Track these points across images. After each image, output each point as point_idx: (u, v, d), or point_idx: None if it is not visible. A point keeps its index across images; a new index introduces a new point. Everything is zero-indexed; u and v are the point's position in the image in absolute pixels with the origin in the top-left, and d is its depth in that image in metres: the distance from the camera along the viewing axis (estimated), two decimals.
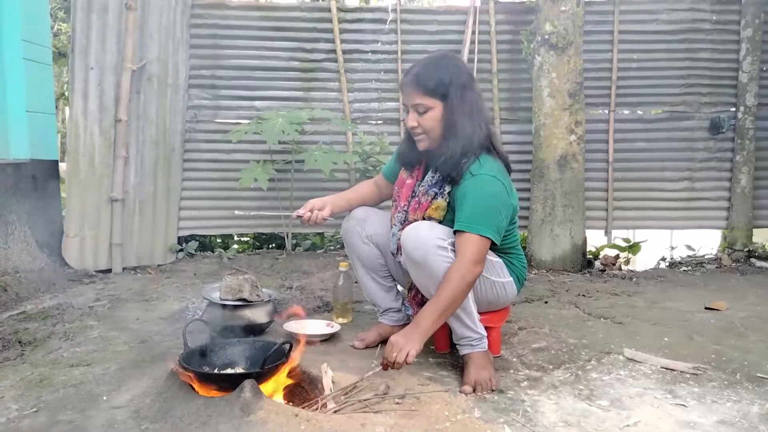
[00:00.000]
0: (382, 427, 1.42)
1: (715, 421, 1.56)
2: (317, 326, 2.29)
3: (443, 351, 2.09)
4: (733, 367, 1.97)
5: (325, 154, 3.59)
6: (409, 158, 2.00)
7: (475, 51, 4.05)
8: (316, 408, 1.54)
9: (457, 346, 1.88)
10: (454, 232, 1.77)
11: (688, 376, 1.89)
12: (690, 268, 3.90)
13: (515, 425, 1.52)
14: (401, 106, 4.07)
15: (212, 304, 2.20)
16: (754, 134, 4.03)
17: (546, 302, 2.91)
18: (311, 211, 2.00)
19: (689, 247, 4.29)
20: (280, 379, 1.64)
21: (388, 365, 1.65)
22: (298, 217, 2.01)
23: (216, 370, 1.68)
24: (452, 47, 4.04)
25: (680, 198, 4.17)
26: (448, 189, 1.85)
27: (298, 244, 4.22)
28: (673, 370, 1.93)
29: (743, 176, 4.04)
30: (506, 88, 4.12)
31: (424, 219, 1.88)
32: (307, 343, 1.90)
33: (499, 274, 1.92)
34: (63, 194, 3.70)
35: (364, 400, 1.58)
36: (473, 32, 4.04)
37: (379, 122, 4.16)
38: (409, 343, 1.64)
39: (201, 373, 1.56)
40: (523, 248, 3.79)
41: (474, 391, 1.72)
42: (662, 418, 1.58)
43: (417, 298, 2.04)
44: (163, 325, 2.42)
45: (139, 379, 1.73)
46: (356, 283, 2.27)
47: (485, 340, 1.86)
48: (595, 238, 4.15)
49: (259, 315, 2.20)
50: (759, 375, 1.90)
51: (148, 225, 3.70)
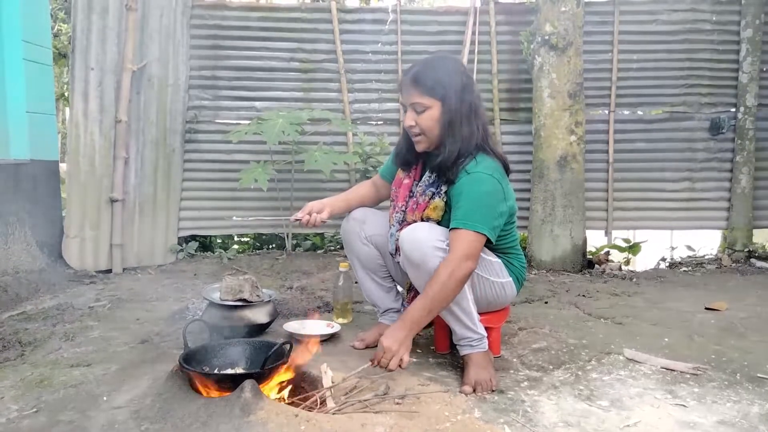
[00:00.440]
0: (382, 428, 1.42)
1: (715, 422, 1.56)
2: (317, 326, 2.29)
3: (443, 351, 2.09)
4: (733, 368, 1.97)
5: (325, 155, 3.59)
6: (406, 158, 2.00)
7: (475, 51, 4.05)
8: (314, 405, 1.54)
9: (457, 347, 1.88)
10: (450, 231, 1.76)
11: (689, 376, 1.89)
12: (690, 268, 3.90)
13: (515, 425, 1.52)
14: (401, 107, 4.06)
15: (212, 304, 2.20)
16: (754, 135, 4.03)
17: (546, 302, 2.91)
18: (309, 214, 2.01)
19: (689, 248, 4.30)
20: (281, 379, 1.64)
21: (378, 365, 1.66)
22: (297, 220, 2.01)
23: (216, 371, 1.68)
24: (452, 48, 4.05)
25: (680, 198, 4.18)
26: (445, 188, 1.84)
27: (298, 245, 4.22)
28: (674, 371, 1.93)
29: (743, 176, 4.04)
30: (506, 89, 4.13)
31: (422, 219, 1.87)
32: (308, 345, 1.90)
33: (498, 275, 1.92)
34: (63, 195, 3.70)
35: (364, 401, 1.58)
36: (473, 33, 4.05)
37: (380, 123, 4.16)
38: (401, 347, 1.65)
39: (201, 373, 1.56)
40: (523, 249, 3.80)
41: (474, 391, 1.72)
42: (662, 419, 1.58)
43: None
44: (164, 325, 2.42)
45: (140, 380, 1.74)
46: (356, 283, 2.27)
47: (485, 341, 1.86)
48: (596, 239, 4.15)
49: (259, 315, 2.20)
50: (759, 375, 1.90)
51: (148, 225, 3.70)
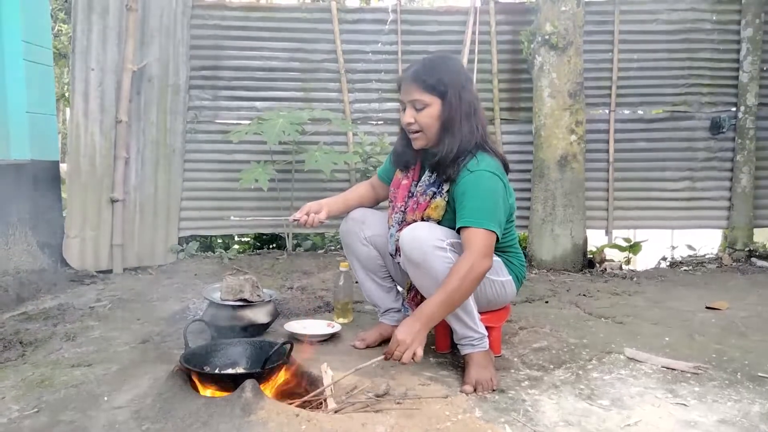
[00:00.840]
0: (382, 427, 1.42)
1: (716, 421, 1.56)
2: (318, 326, 2.29)
3: (444, 351, 2.09)
4: (734, 367, 1.97)
5: (325, 155, 3.60)
6: (403, 158, 2.00)
7: (476, 51, 4.05)
8: (316, 404, 1.54)
9: (458, 346, 1.88)
10: (458, 229, 1.76)
11: (689, 375, 1.89)
12: (691, 267, 3.89)
13: (516, 425, 1.52)
14: (400, 105, 4.06)
15: (213, 304, 2.20)
16: (754, 134, 4.03)
17: (547, 302, 2.91)
18: (307, 215, 2.01)
19: (690, 247, 4.29)
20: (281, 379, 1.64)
21: (391, 358, 1.64)
22: (295, 220, 2.02)
23: (217, 370, 1.68)
24: (452, 47, 4.05)
25: (681, 198, 4.17)
26: (446, 188, 1.84)
27: (298, 245, 4.22)
28: (674, 370, 1.93)
29: (744, 176, 4.04)
30: (506, 89, 4.12)
31: (422, 219, 1.87)
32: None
33: (498, 273, 1.91)
34: (64, 195, 3.71)
35: (365, 400, 1.58)
36: (473, 32, 4.05)
37: (380, 122, 4.16)
38: (415, 341, 1.62)
39: (202, 372, 1.56)
40: (524, 248, 3.82)
41: (475, 390, 1.72)
42: (663, 418, 1.58)
43: (416, 299, 2.04)
44: (164, 325, 2.42)
45: (140, 380, 1.74)
46: (356, 283, 2.27)
47: (486, 340, 1.86)
48: (596, 238, 4.15)
49: (259, 315, 2.20)
50: (760, 374, 1.89)
51: (148, 225, 3.70)
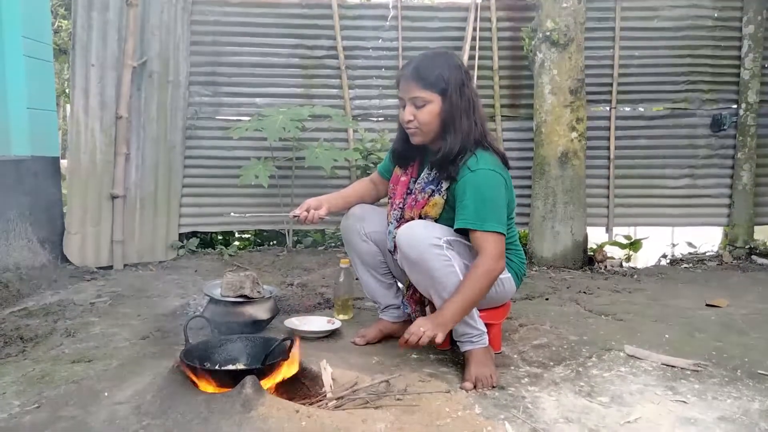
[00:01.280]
0: (383, 423, 1.42)
1: (716, 418, 1.56)
2: (318, 323, 2.29)
3: (444, 348, 2.09)
4: (733, 364, 1.97)
5: (326, 151, 3.59)
6: (403, 155, 2.00)
7: (476, 48, 4.04)
8: (318, 402, 1.54)
9: (458, 343, 1.88)
10: (465, 231, 1.77)
11: (689, 372, 1.89)
12: (691, 265, 3.89)
13: (516, 421, 1.52)
14: (400, 102, 4.05)
15: (213, 300, 2.20)
16: (755, 131, 4.02)
17: (547, 299, 2.91)
18: (307, 211, 2.00)
19: (690, 244, 4.29)
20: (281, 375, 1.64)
21: (408, 342, 1.65)
22: (295, 217, 2.01)
23: (217, 367, 1.68)
24: (453, 44, 4.04)
25: (681, 195, 4.17)
26: (445, 186, 1.84)
27: (299, 241, 4.22)
28: (674, 367, 1.93)
29: (745, 173, 4.03)
30: (507, 85, 4.12)
31: (420, 217, 1.87)
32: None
33: None
34: (64, 191, 3.70)
35: (365, 396, 1.58)
36: (474, 29, 4.04)
37: (380, 119, 4.16)
38: (436, 328, 1.67)
39: (202, 369, 1.56)
40: (524, 245, 3.82)
41: (475, 387, 1.72)
42: (663, 415, 1.58)
43: (415, 297, 2.04)
44: (165, 321, 2.42)
45: (141, 376, 1.74)
46: (357, 279, 2.27)
47: (485, 336, 1.86)
48: (597, 235, 4.15)
49: (260, 311, 2.21)
50: (760, 372, 1.90)
51: (149, 222, 3.70)
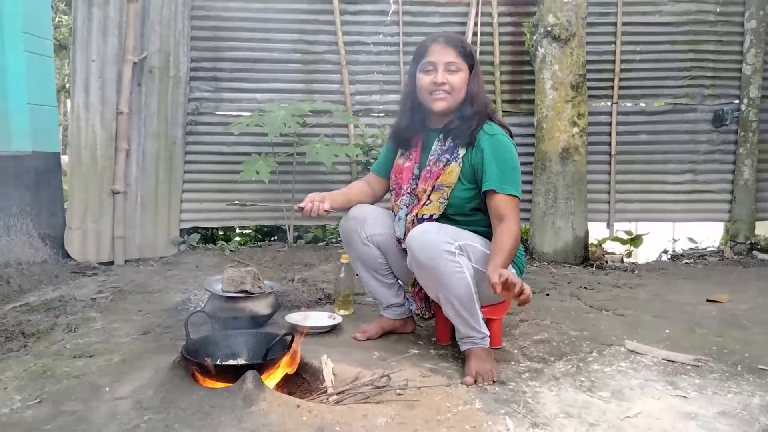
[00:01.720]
0: (383, 418, 1.43)
1: (716, 413, 1.56)
2: (319, 318, 2.29)
3: (444, 343, 2.10)
4: (734, 359, 1.97)
5: (326, 147, 3.59)
6: (405, 136, 2.02)
7: (478, 43, 4.03)
8: (319, 397, 1.55)
9: (459, 343, 1.88)
10: (484, 193, 1.82)
11: (690, 367, 1.89)
12: (692, 260, 3.89)
13: (516, 416, 1.52)
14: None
15: (214, 295, 2.20)
16: (757, 126, 4.01)
17: (548, 294, 2.91)
18: (311, 203, 1.99)
19: (691, 240, 4.29)
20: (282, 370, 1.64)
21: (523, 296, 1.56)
22: (300, 209, 1.99)
23: (218, 362, 1.68)
24: None
25: (683, 190, 4.16)
26: (462, 153, 1.88)
27: (300, 237, 4.22)
28: (675, 362, 1.93)
29: (746, 169, 4.02)
30: (508, 80, 4.11)
31: (435, 187, 1.89)
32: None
33: None
34: (65, 186, 3.71)
35: (366, 391, 1.58)
36: (475, 24, 4.03)
37: (381, 114, 4.15)
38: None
39: (203, 364, 1.57)
40: (525, 241, 3.82)
41: (475, 382, 1.73)
42: (663, 410, 1.58)
43: (420, 294, 2.04)
44: (166, 316, 2.43)
45: (142, 371, 1.74)
46: (357, 275, 2.27)
47: (487, 339, 1.85)
48: (598, 231, 4.15)
49: (260, 307, 2.21)
50: (760, 367, 1.90)
51: (150, 217, 3.71)
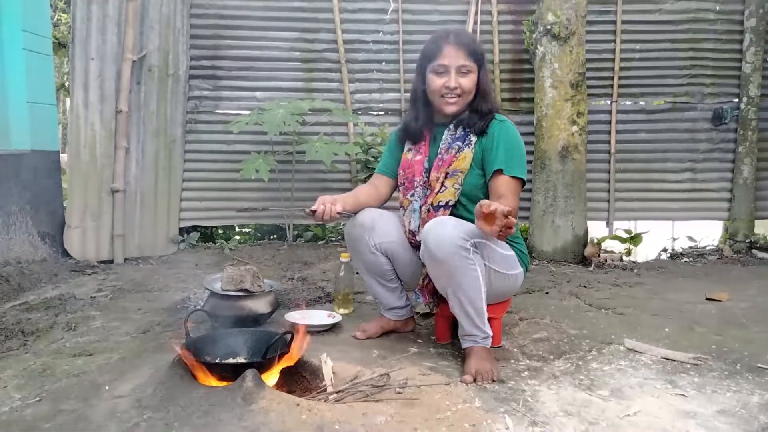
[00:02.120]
0: (383, 416, 1.43)
1: (715, 411, 1.56)
2: (319, 317, 2.29)
3: (444, 342, 2.10)
4: (733, 358, 1.97)
5: (326, 145, 3.59)
6: (415, 130, 2.04)
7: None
8: (318, 395, 1.55)
9: (461, 341, 1.88)
10: (492, 173, 1.86)
11: (689, 366, 1.89)
12: (691, 259, 3.89)
13: (516, 415, 1.52)
14: (402, 97, 4.05)
15: (214, 294, 2.20)
16: (757, 125, 4.01)
17: (547, 293, 2.91)
18: (323, 205, 1.93)
19: (691, 238, 4.29)
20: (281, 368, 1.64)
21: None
22: (312, 212, 1.92)
23: (218, 360, 1.68)
24: None
25: (682, 189, 4.17)
26: (474, 139, 1.92)
27: (299, 236, 4.22)
28: (674, 361, 1.93)
29: (746, 167, 4.03)
30: (508, 79, 4.11)
31: (448, 174, 1.92)
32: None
33: (512, 267, 1.91)
34: (64, 185, 3.70)
35: (365, 390, 1.58)
36: (475, 22, 4.03)
37: (381, 113, 4.15)
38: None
39: (203, 362, 1.57)
40: (525, 239, 3.82)
41: (475, 380, 1.73)
42: (662, 408, 1.58)
43: (429, 287, 2.03)
44: (165, 315, 2.43)
45: (141, 369, 1.74)
46: (357, 273, 2.27)
47: (490, 339, 1.85)
48: (597, 229, 4.15)
49: (260, 305, 2.21)
50: (759, 365, 1.90)
51: (149, 216, 3.70)
